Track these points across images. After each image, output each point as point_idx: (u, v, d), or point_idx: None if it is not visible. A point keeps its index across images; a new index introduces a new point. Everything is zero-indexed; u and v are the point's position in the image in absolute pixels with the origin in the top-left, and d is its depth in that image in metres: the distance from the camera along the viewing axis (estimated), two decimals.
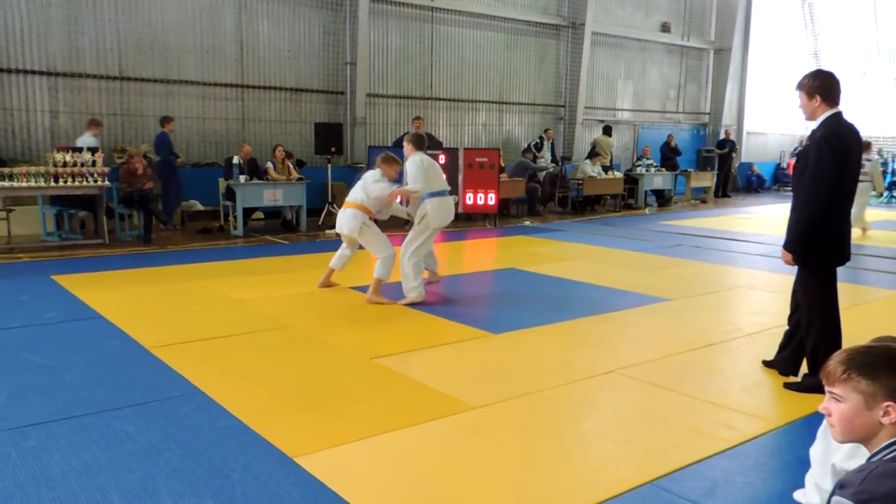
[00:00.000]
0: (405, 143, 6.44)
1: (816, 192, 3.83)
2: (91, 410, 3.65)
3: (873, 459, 1.68)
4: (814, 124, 3.97)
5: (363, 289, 6.57)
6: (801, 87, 3.99)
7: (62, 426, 3.45)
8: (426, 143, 6.51)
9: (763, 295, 6.85)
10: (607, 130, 16.16)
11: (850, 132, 3.91)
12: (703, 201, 17.09)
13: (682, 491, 2.94)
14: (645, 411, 3.84)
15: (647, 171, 15.73)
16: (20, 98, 10.41)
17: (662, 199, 16.21)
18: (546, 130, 15.54)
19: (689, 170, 17.07)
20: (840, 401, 1.72)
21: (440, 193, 6.31)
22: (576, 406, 3.95)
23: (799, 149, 17.02)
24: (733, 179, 20.16)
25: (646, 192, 15.75)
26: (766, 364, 4.54)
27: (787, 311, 4.47)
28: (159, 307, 5.92)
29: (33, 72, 10.43)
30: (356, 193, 6.42)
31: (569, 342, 5.11)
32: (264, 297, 6.28)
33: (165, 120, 10.60)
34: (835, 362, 1.74)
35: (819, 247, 3.96)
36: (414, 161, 6.22)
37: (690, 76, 20.09)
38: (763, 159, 21.86)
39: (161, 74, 11.46)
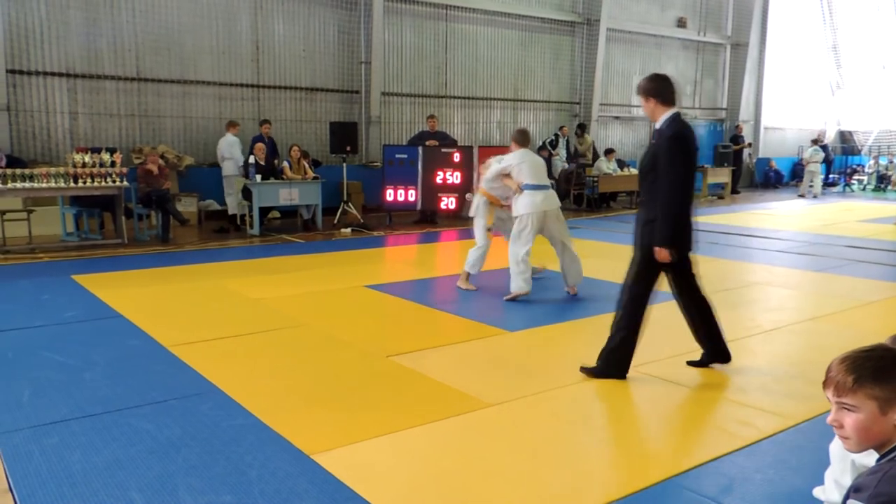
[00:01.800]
0: (512, 142, 6.62)
1: (676, 187, 4.03)
2: (111, 408, 3.69)
3: (883, 461, 1.67)
4: (658, 125, 4.17)
5: (378, 287, 6.59)
6: (637, 90, 4.29)
7: (83, 424, 3.50)
8: (529, 138, 6.68)
9: (781, 291, 6.78)
10: (582, 128, 15.99)
11: (690, 130, 4.16)
12: (720, 197, 16.95)
13: (701, 488, 2.92)
14: (663, 408, 3.82)
15: None
16: (40, 100, 10.54)
17: None
18: (561, 128, 15.50)
19: (706, 166, 16.93)
20: (853, 410, 1.67)
21: (537, 187, 6.30)
22: (593, 404, 3.94)
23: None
24: (750, 175, 19.98)
25: None
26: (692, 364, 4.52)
27: (806, 307, 4.43)
28: (177, 306, 5.98)
29: (53, 73, 10.57)
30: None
31: (585, 339, 5.09)
32: (280, 296, 6.32)
33: (263, 122, 11.10)
34: (841, 372, 1.68)
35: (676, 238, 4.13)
36: (516, 155, 6.36)
37: (707, 71, 19.93)
38: (781, 154, 21.64)
39: (178, 75, 11.56)
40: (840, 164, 21.79)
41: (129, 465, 3.06)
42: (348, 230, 10.70)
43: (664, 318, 5.67)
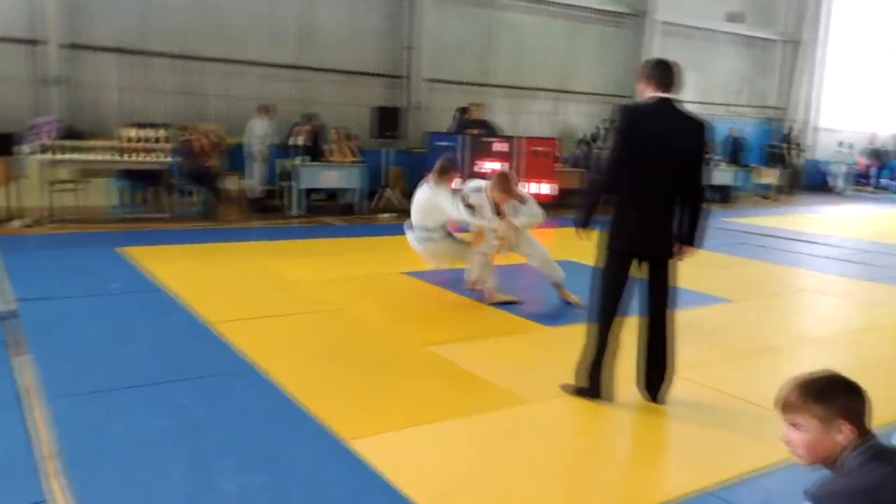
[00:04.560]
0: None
1: (603, 168, 3.77)
2: (151, 381, 3.75)
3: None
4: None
5: (416, 274, 6.57)
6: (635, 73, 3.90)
7: (125, 395, 3.56)
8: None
9: (831, 300, 6.58)
10: None
11: (653, 109, 3.67)
12: (768, 198, 16.55)
13: (739, 501, 2.85)
14: (702, 415, 3.73)
15: (708, 165, 15.28)
16: (93, 74, 10.74)
17: (723, 194, 15.75)
18: (605, 121, 15.24)
19: (754, 165, 16.54)
20: (799, 428, 1.86)
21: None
22: (631, 407, 3.85)
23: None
24: (798, 176, 19.50)
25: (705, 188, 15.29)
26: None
27: (857, 317, 4.27)
28: (218, 282, 6.05)
29: (105, 49, 10.75)
30: None
31: (624, 340, 5.00)
32: (319, 279, 6.35)
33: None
34: (790, 393, 1.88)
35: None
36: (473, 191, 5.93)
37: (759, 68, 19.40)
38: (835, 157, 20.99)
39: (224, 54, 11.67)
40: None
41: (167, 439, 3.11)
42: (387, 215, 10.71)
43: (704, 322, 5.55)
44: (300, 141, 10.40)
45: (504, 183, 5.69)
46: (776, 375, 4.38)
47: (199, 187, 9.91)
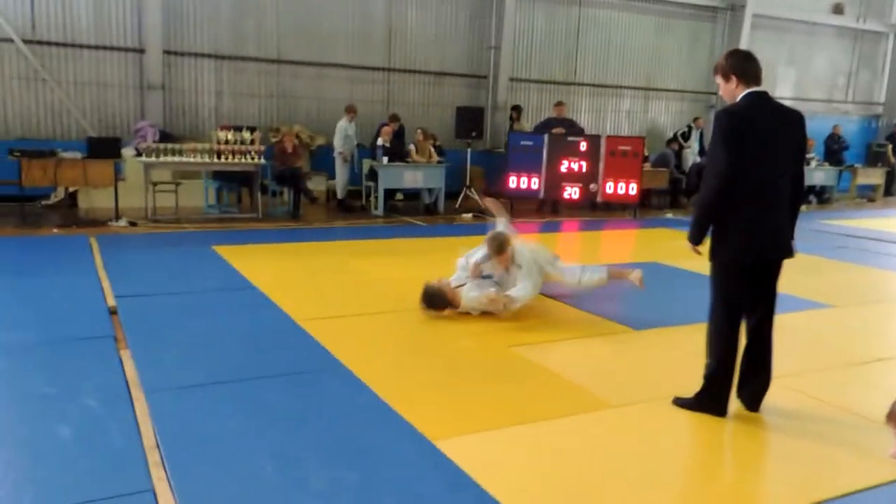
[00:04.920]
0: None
1: (712, 176, 3.41)
2: (244, 377, 3.86)
3: None
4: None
5: None
6: (714, 69, 3.58)
7: (219, 389, 3.68)
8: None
9: None
10: None
11: (758, 108, 3.43)
12: (871, 200, 15.58)
13: None
14: (805, 427, 3.52)
15: (807, 165, 14.53)
16: (190, 79, 11.25)
17: (822, 196, 14.95)
18: (696, 119, 14.74)
19: (856, 165, 15.61)
20: None
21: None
22: (725, 417, 3.69)
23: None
24: None
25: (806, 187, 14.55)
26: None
27: None
28: (306, 281, 6.20)
29: (202, 55, 11.24)
30: None
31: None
32: (403, 278, 6.38)
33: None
34: None
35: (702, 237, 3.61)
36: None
37: (864, 62, 18.29)
38: None
39: (314, 57, 11.99)
40: None
41: (260, 433, 3.19)
42: (469, 215, 10.71)
43: (805, 328, 5.25)
44: (381, 142, 10.55)
45: (495, 246, 5.20)
46: (882, 386, 4.14)
47: (288, 188, 10.20)
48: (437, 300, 5.13)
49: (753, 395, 3.62)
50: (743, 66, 3.44)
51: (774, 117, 3.42)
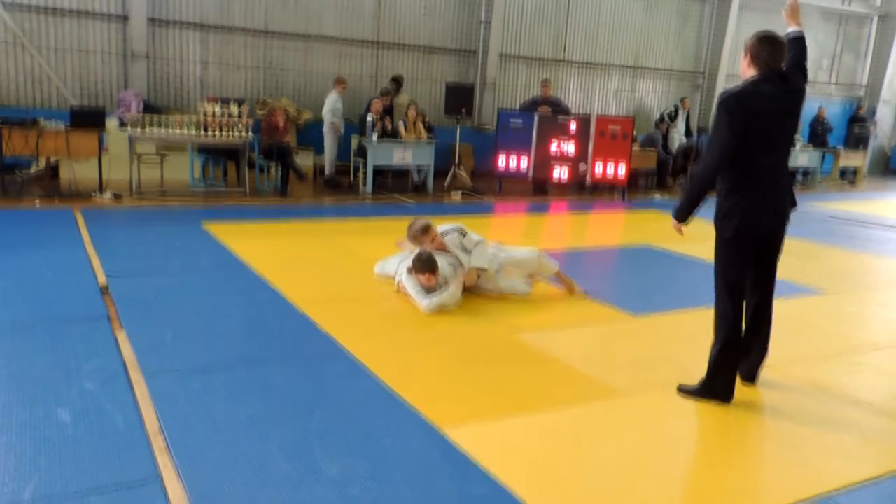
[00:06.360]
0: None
1: (713, 154, 3.50)
2: (246, 361, 3.81)
3: None
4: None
5: None
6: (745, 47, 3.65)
7: (222, 374, 3.62)
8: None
9: None
10: None
11: (760, 90, 3.50)
12: (853, 183, 15.77)
13: None
14: (808, 414, 3.57)
15: (793, 146, 14.62)
16: (175, 49, 10.97)
17: (805, 178, 15.08)
18: (682, 99, 14.72)
19: (839, 147, 15.75)
20: None
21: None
22: (730, 403, 3.72)
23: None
24: (885, 160, 18.52)
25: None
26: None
27: None
28: (300, 261, 6.12)
29: (188, 24, 10.95)
30: None
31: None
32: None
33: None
34: None
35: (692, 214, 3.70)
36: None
37: (848, 45, 18.37)
38: None
39: (302, 29, 11.74)
40: None
41: (267, 420, 3.15)
42: (458, 194, 10.65)
43: (798, 315, 5.30)
44: (371, 118, 10.37)
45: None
46: (882, 374, 4.19)
47: (276, 163, 10.03)
48: (432, 263, 4.91)
49: (751, 369, 3.81)
50: (757, 48, 3.52)
51: (777, 100, 3.47)
